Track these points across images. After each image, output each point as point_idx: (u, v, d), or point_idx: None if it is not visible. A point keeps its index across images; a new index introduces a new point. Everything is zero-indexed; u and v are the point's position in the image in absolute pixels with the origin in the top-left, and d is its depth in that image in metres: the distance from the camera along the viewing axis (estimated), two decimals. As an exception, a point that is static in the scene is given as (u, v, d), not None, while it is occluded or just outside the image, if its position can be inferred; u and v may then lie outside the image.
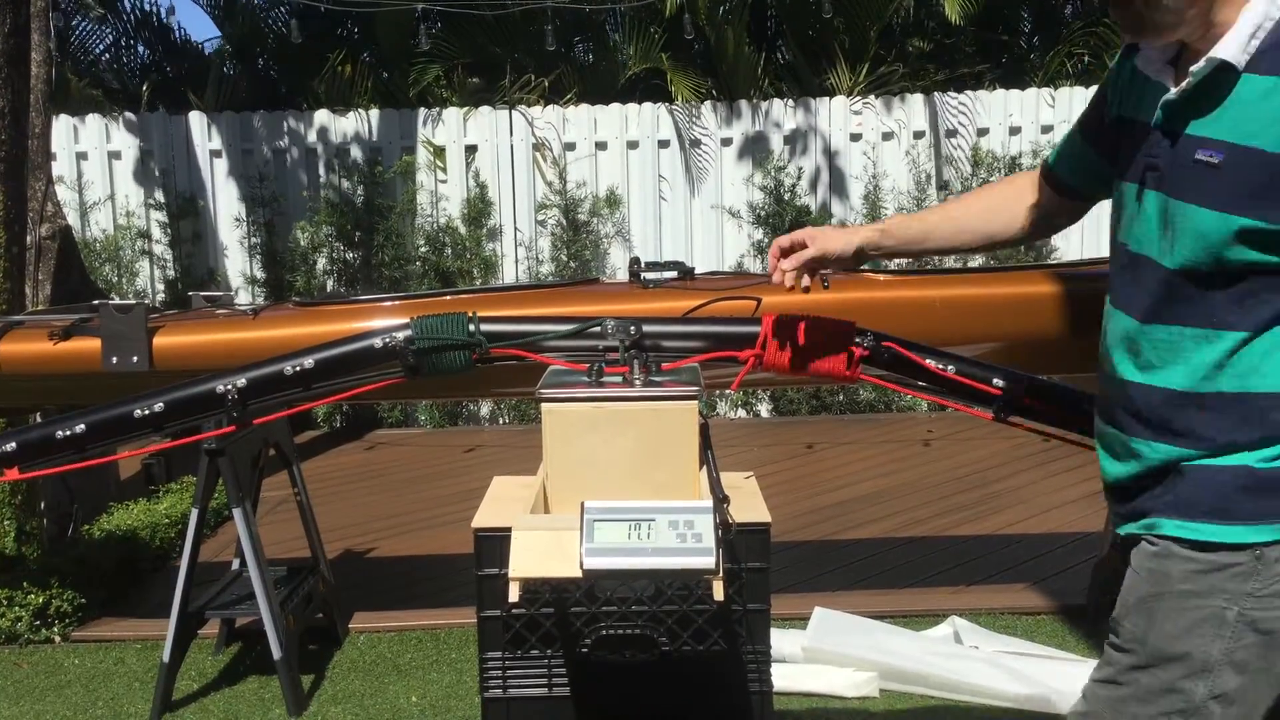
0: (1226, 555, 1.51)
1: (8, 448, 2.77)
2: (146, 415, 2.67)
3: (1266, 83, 1.43)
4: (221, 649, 3.92)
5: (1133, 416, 1.62)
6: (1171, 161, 1.53)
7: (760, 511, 2.06)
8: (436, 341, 2.41)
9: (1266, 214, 1.43)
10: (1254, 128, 1.44)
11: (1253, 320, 1.49)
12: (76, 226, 7.56)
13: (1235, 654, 1.52)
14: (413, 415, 8.02)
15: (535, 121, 7.99)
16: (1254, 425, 1.50)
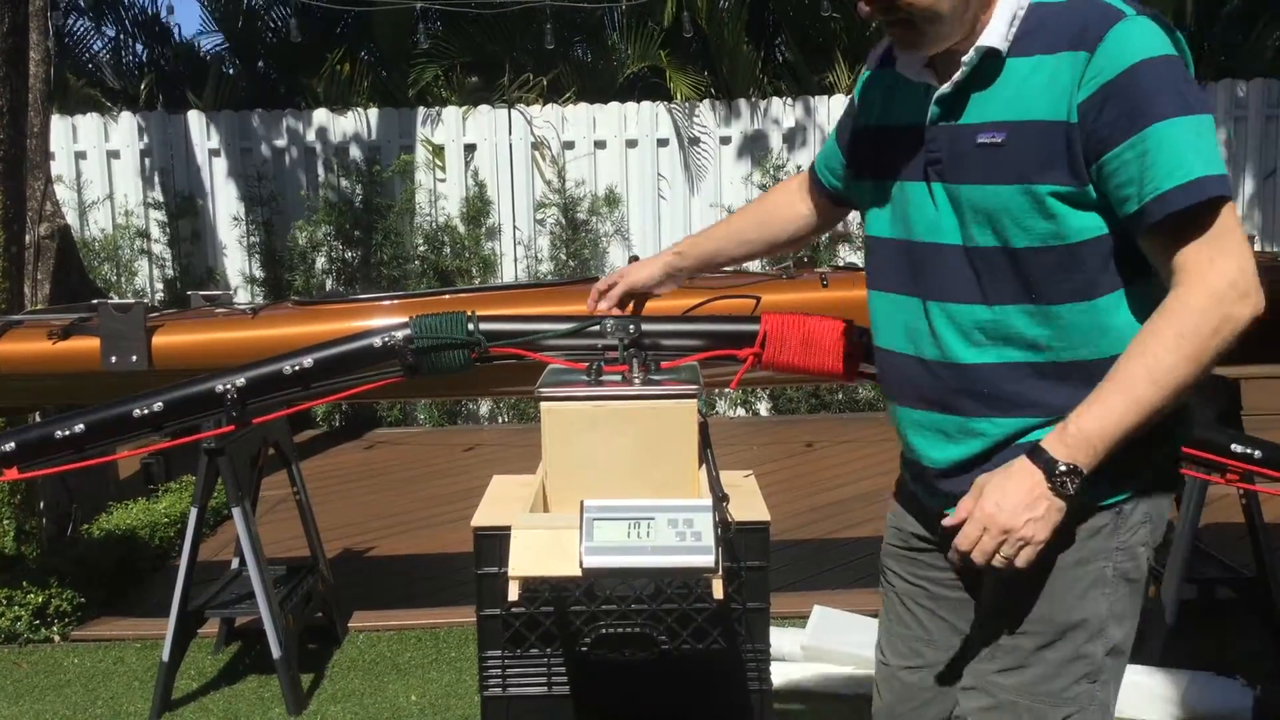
0: (1098, 518, 1.59)
1: (7, 447, 2.77)
2: (145, 415, 2.67)
3: (1029, 62, 1.54)
4: (221, 648, 3.92)
5: (970, 397, 1.64)
6: (953, 151, 1.61)
7: (760, 510, 2.06)
8: (435, 341, 2.40)
9: (1058, 177, 1.52)
10: (1027, 103, 1.54)
11: (1069, 289, 1.56)
12: (75, 226, 7.55)
13: (1115, 607, 1.61)
14: (412, 414, 8.01)
15: (534, 120, 7.99)
16: (1083, 390, 1.53)
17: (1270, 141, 8.20)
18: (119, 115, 7.99)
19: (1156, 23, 1.51)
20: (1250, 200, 8.21)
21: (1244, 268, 1.46)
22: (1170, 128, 1.45)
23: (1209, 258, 1.45)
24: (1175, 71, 1.48)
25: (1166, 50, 1.49)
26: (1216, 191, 1.45)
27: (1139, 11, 1.52)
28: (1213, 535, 4.06)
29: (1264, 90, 8.16)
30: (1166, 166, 1.45)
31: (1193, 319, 1.44)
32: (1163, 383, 1.45)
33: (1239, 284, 1.45)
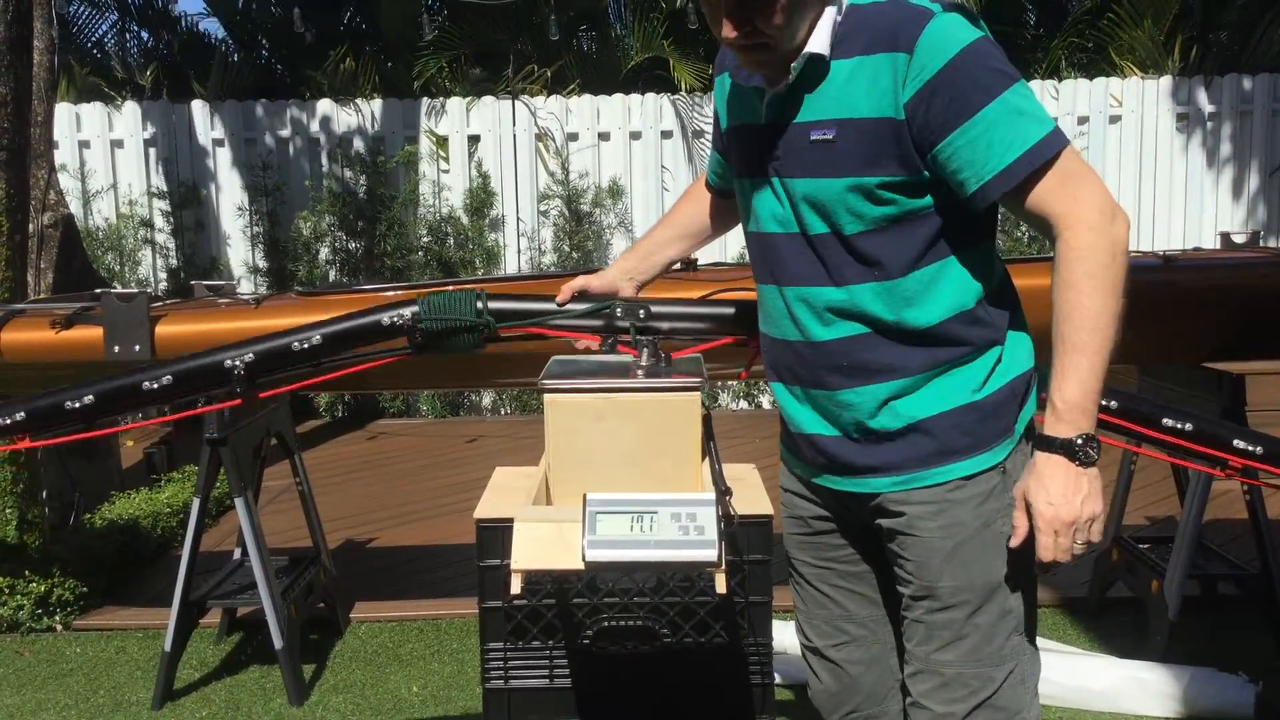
0: (988, 479, 1.70)
1: (17, 416, 2.75)
2: (155, 388, 2.63)
3: (851, 64, 1.65)
4: (223, 638, 3.93)
5: (832, 371, 1.76)
6: (789, 148, 1.72)
7: (763, 504, 2.05)
8: (444, 321, 2.37)
9: (887, 169, 1.64)
10: (853, 101, 1.65)
11: (906, 262, 1.68)
12: (79, 215, 7.55)
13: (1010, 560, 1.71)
14: (414, 405, 8.02)
15: (538, 112, 7.97)
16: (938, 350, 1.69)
17: (1276, 136, 8.18)
18: (123, 104, 7.98)
19: (960, 13, 1.63)
20: (1255, 195, 8.19)
21: (1102, 191, 1.58)
22: (997, 106, 1.57)
23: (1072, 196, 1.57)
24: (988, 50, 1.60)
25: (973, 35, 1.60)
26: (1056, 147, 1.58)
27: (945, 7, 1.62)
28: (1216, 531, 4.06)
29: (1270, 85, 8.14)
30: (1004, 143, 1.57)
31: (1090, 257, 1.55)
32: (1100, 326, 1.55)
33: (1105, 207, 1.57)
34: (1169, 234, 8.07)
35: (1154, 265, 3.43)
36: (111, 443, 5.28)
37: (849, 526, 1.88)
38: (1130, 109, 8.07)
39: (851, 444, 1.77)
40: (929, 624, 1.75)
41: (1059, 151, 1.58)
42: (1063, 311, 1.57)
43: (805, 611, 1.99)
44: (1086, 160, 1.63)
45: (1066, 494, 1.59)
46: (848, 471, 1.79)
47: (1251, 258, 3.62)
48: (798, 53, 1.67)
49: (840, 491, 1.83)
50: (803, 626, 2.01)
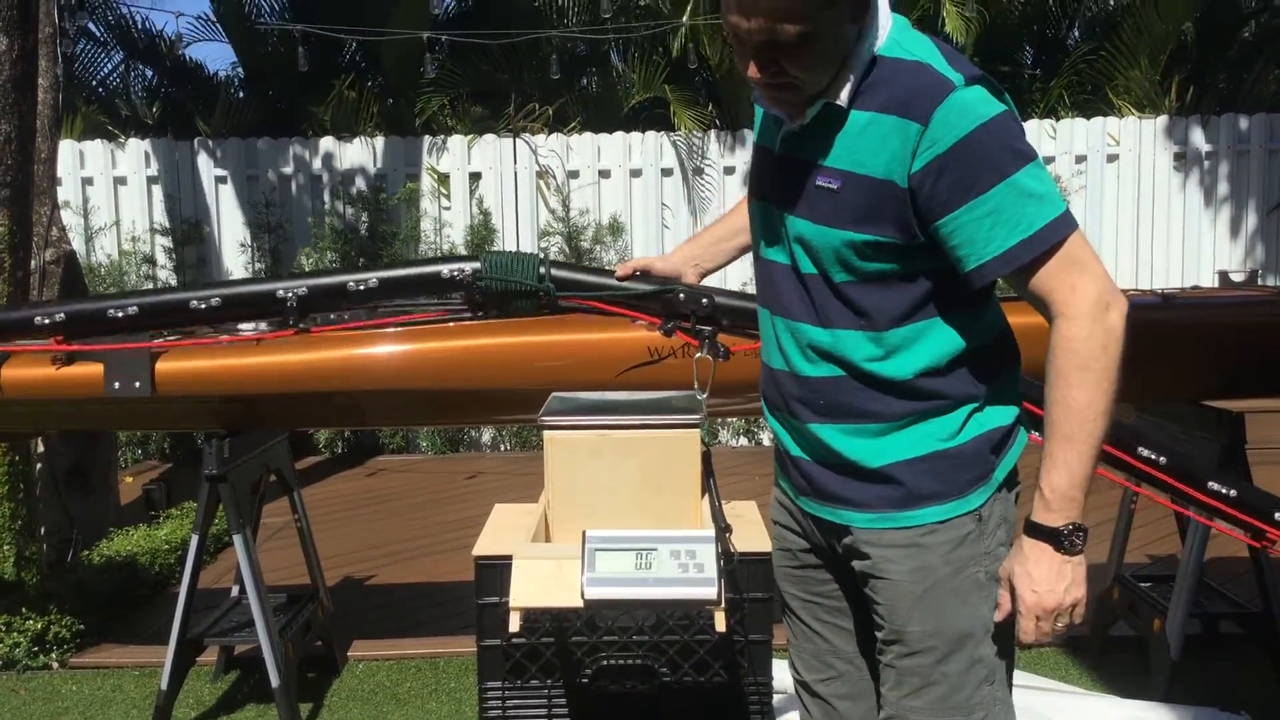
0: (961, 526, 1.68)
1: (57, 316, 2.64)
2: (204, 308, 2.53)
3: (866, 117, 1.62)
4: (220, 676, 3.90)
5: (806, 405, 1.76)
6: (795, 186, 1.71)
7: (763, 541, 2.05)
8: (506, 281, 2.30)
9: (884, 230, 1.63)
10: (861, 157, 1.62)
11: (893, 318, 1.67)
12: (81, 251, 7.58)
13: (990, 607, 1.69)
14: (414, 441, 8.01)
15: (539, 149, 8.02)
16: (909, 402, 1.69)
17: (1272, 175, 8.22)
18: (126, 142, 8.03)
19: (984, 85, 1.59)
20: (1253, 235, 8.22)
21: (1101, 281, 1.57)
22: (1006, 188, 1.56)
23: (1071, 286, 1.57)
24: (1005, 127, 1.58)
25: (993, 112, 1.57)
26: (1061, 234, 1.57)
27: (968, 79, 1.58)
28: (1218, 569, 4.05)
29: (1266, 125, 8.19)
30: (1008, 225, 1.56)
31: (1083, 349, 1.55)
32: (1089, 418, 1.56)
33: (1103, 299, 1.56)
34: (1167, 272, 8.09)
35: (1153, 304, 3.43)
36: (110, 479, 5.26)
37: (833, 563, 1.86)
38: (1128, 148, 8.12)
39: (829, 472, 1.76)
40: (899, 669, 1.73)
41: (1064, 238, 1.57)
42: (1053, 399, 1.58)
43: (795, 645, 1.97)
44: (1089, 245, 1.61)
45: (1050, 581, 1.60)
46: (824, 498, 1.78)
47: (1250, 296, 3.63)
48: (821, 95, 1.65)
49: (820, 520, 1.81)
50: (793, 660, 1.98)
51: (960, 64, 1.61)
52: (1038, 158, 1.59)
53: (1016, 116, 1.62)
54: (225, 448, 3.31)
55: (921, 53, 1.62)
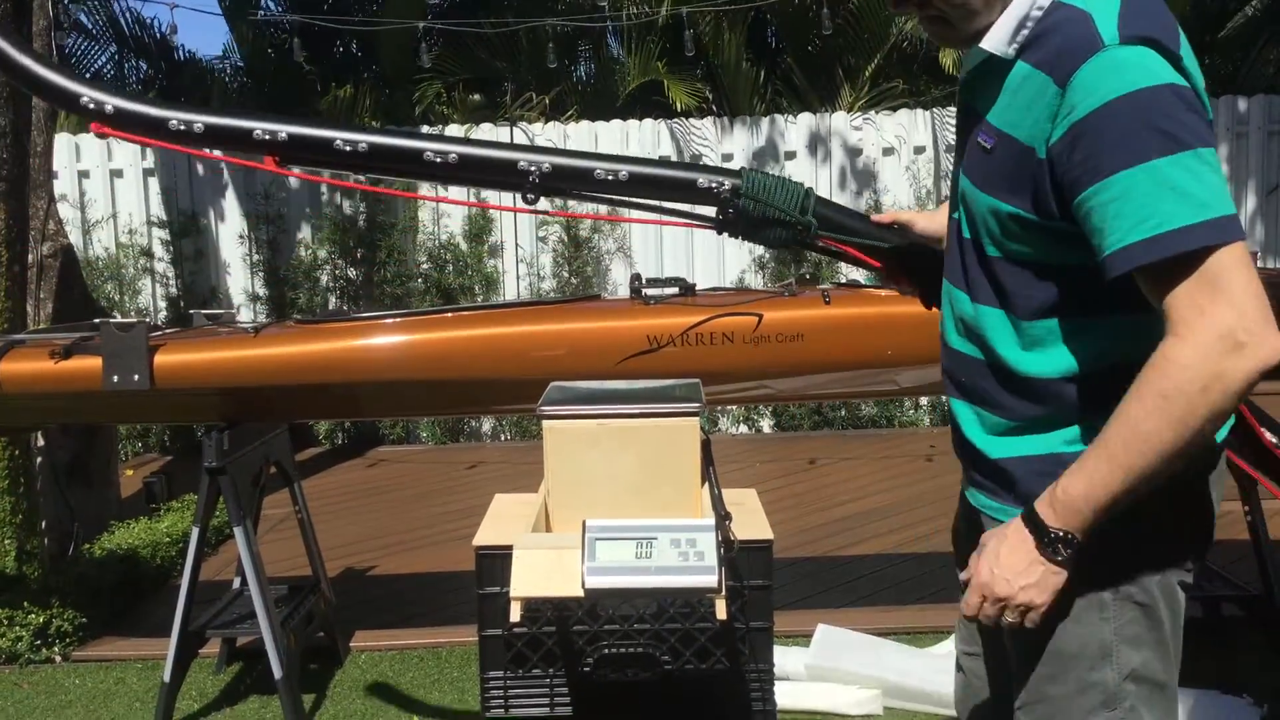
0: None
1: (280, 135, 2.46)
2: (439, 162, 2.43)
3: (1024, 70, 1.47)
4: (222, 668, 3.91)
5: (951, 380, 1.67)
6: (965, 138, 1.61)
7: (763, 529, 2.05)
8: (767, 206, 2.15)
9: (1022, 203, 1.48)
10: (1013, 116, 1.48)
11: (1035, 309, 1.52)
12: (78, 244, 7.57)
13: (1124, 631, 1.54)
14: (414, 432, 8.01)
15: (536, 138, 8.01)
16: (1038, 405, 1.54)
17: (1272, 157, 8.20)
18: (122, 134, 8.01)
19: (1146, 47, 1.39)
20: (1252, 216, 8.21)
21: (1244, 314, 1.32)
22: (1142, 173, 1.35)
23: (1200, 306, 1.33)
24: (1158, 105, 1.36)
25: (1148, 81, 1.36)
26: (1201, 242, 1.33)
27: (1125, 38, 1.39)
28: (1218, 552, 4.05)
29: (1265, 106, 8.17)
30: (1134, 217, 1.35)
31: (1177, 377, 1.33)
32: (1144, 449, 1.36)
33: (1234, 335, 1.32)
34: (1167, 255, 8.08)
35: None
36: (110, 473, 5.27)
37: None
38: (1126, 131, 8.09)
39: (963, 451, 1.66)
40: (1021, 676, 1.60)
41: (1206, 247, 1.33)
42: (1118, 411, 1.38)
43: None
44: (1248, 270, 1.35)
45: (1012, 570, 1.46)
46: (965, 474, 1.69)
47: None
48: (982, 34, 1.51)
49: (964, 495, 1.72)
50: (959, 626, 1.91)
51: (1137, 20, 1.40)
52: (1201, 148, 1.36)
53: (1188, 93, 1.39)
54: (225, 440, 3.31)
55: (1100, 1, 1.43)
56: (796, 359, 3.27)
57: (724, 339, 3.23)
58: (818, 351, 3.27)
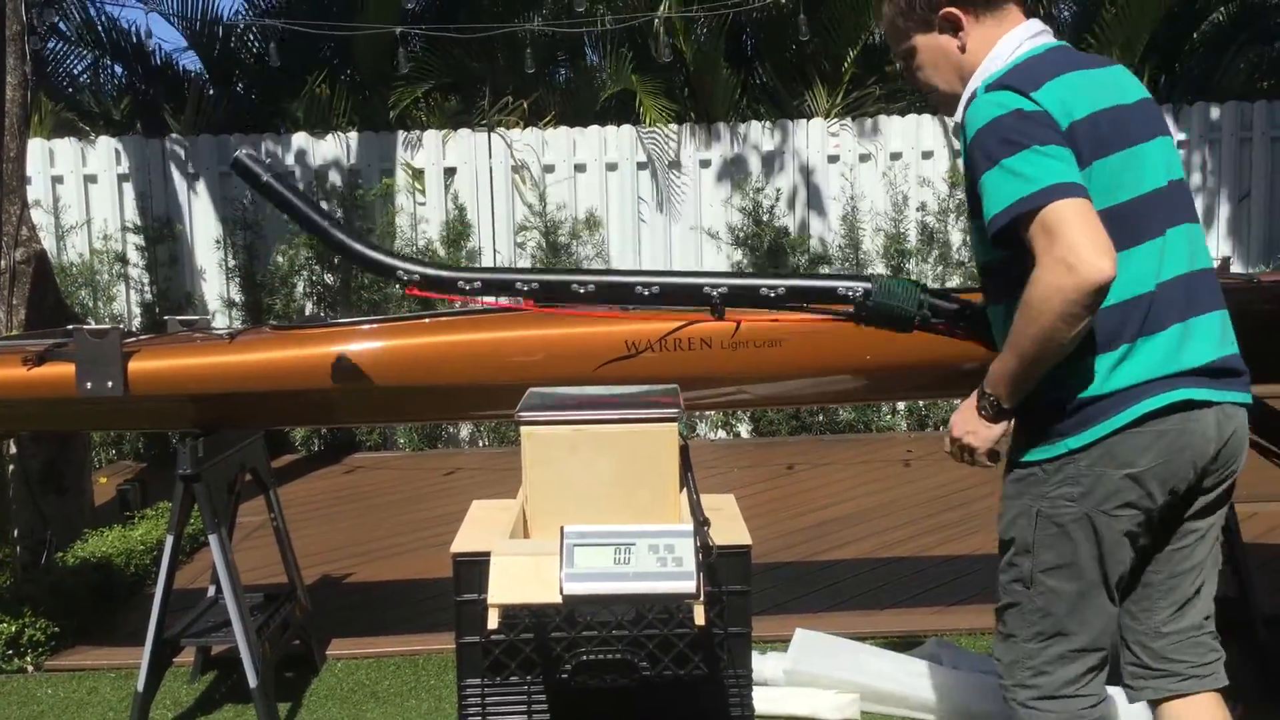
0: (1029, 470, 2.10)
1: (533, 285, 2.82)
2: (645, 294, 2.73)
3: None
4: (197, 677, 3.88)
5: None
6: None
7: (741, 534, 2.05)
8: (890, 306, 2.56)
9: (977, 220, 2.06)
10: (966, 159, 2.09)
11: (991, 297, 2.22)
12: (52, 250, 7.51)
13: (1042, 538, 2.09)
14: (391, 438, 7.98)
15: (514, 144, 8.00)
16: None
17: (1244, 164, 8.28)
18: (96, 139, 7.96)
19: (994, 91, 2.00)
20: (1226, 223, 8.29)
21: (1071, 245, 1.85)
22: (994, 172, 1.95)
23: (1044, 247, 1.88)
24: (1005, 125, 1.96)
25: (999, 112, 1.97)
26: (1036, 204, 1.89)
27: (990, 86, 2.02)
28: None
29: (1236, 113, 8.25)
30: (993, 199, 1.96)
31: (1031, 292, 1.90)
32: (1019, 340, 1.96)
33: (1065, 258, 1.85)
34: (1141, 261, 8.13)
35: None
36: (84, 480, 5.22)
37: None
38: (1100, 138, 8.15)
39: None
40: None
41: (1039, 207, 1.88)
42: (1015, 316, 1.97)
43: None
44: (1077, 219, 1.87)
45: (962, 418, 2.13)
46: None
47: (1222, 284, 3.65)
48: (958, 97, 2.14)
49: None
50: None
51: (1004, 76, 2.02)
52: (1038, 145, 1.93)
53: (1033, 113, 1.96)
54: (200, 447, 3.29)
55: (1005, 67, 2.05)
56: (775, 364, 3.27)
57: (702, 344, 3.23)
58: (796, 357, 3.28)
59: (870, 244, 7.96)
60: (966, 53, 2.10)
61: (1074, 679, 2.13)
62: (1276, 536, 4.99)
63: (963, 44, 2.10)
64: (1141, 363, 2.00)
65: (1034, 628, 2.13)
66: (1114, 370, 2.00)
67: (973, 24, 2.09)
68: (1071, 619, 2.11)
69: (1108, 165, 1.98)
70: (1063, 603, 2.10)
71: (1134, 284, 1.99)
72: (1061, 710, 2.12)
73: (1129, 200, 2.00)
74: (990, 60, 2.07)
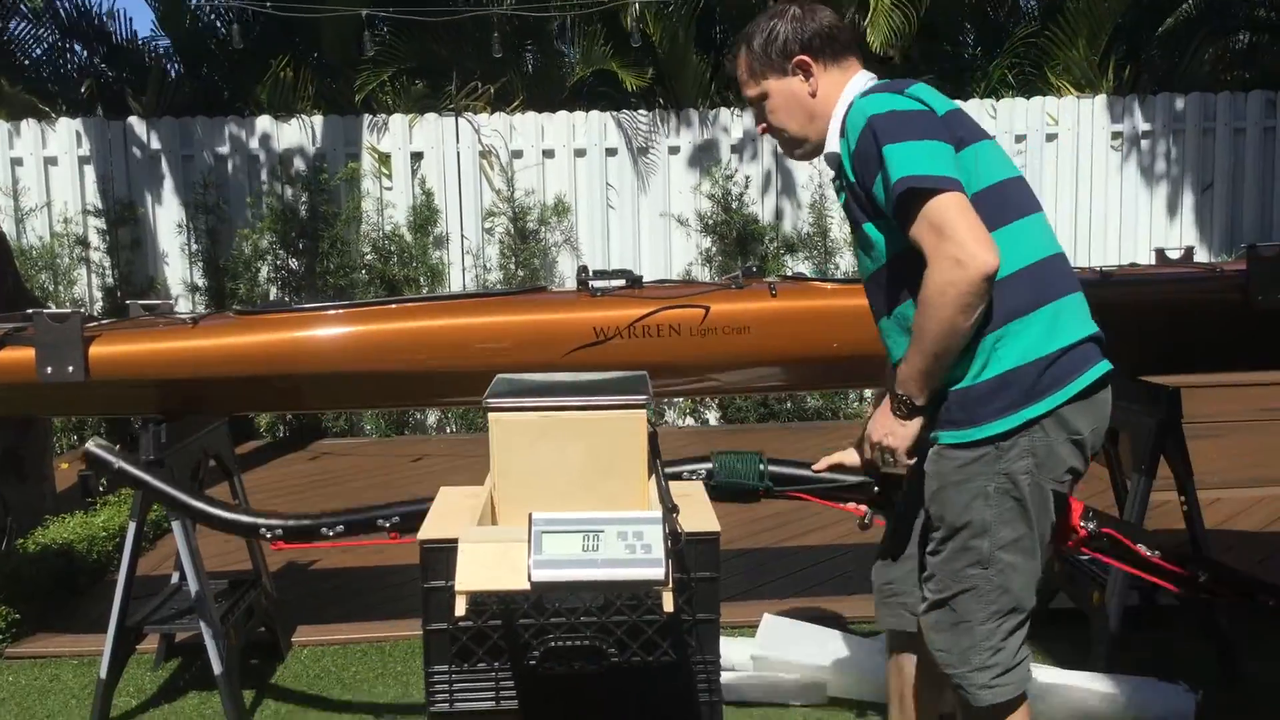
0: (980, 449, 2.13)
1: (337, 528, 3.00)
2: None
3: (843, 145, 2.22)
4: (161, 664, 3.84)
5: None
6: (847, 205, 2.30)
7: (710, 521, 2.05)
8: (732, 484, 2.77)
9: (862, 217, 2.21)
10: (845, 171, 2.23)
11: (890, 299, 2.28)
12: (12, 233, 7.41)
13: (1001, 515, 2.14)
14: (358, 424, 7.93)
15: (482, 129, 7.95)
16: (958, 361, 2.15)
17: (1207, 155, 8.37)
18: (56, 121, 7.84)
19: (879, 92, 2.17)
20: (1189, 212, 8.37)
21: (960, 242, 1.98)
22: (889, 151, 2.06)
23: (933, 242, 2.01)
24: (891, 119, 2.10)
25: (884, 108, 2.11)
26: (916, 185, 2.01)
27: (865, 92, 2.20)
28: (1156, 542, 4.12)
29: (1200, 104, 8.33)
30: (892, 174, 2.06)
31: (927, 289, 2.03)
32: (922, 336, 2.07)
33: (955, 255, 1.98)
34: (1105, 250, 8.22)
35: (1091, 280, 3.48)
36: (45, 466, 5.16)
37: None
38: (1066, 127, 8.22)
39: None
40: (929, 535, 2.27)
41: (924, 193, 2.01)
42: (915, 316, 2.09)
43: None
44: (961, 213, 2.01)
45: (879, 422, 2.24)
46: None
47: (1186, 273, 3.69)
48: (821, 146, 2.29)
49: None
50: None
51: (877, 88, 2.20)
52: (923, 138, 2.06)
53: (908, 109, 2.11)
54: (163, 433, 3.26)
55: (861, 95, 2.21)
56: (743, 351, 3.27)
57: (671, 331, 3.23)
58: (764, 344, 3.28)
59: (838, 231, 7.98)
60: (817, 98, 2.26)
61: (1019, 646, 2.21)
62: (1238, 523, 5.06)
63: (813, 90, 2.26)
64: (1068, 323, 2.14)
65: (991, 606, 2.17)
66: (1049, 333, 2.12)
67: (821, 71, 2.26)
68: (1025, 591, 2.18)
69: (971, 154, 2.14)
70: (1019, 575, 2.17)
71: (1029, 252, 2.13)
72: (1016, 678, 2.19)
73: (998, 183, 2.15)
74: (842, 102, 2.24)
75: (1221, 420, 5.60)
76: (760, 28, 2.30)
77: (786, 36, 2.26)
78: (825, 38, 2.26)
